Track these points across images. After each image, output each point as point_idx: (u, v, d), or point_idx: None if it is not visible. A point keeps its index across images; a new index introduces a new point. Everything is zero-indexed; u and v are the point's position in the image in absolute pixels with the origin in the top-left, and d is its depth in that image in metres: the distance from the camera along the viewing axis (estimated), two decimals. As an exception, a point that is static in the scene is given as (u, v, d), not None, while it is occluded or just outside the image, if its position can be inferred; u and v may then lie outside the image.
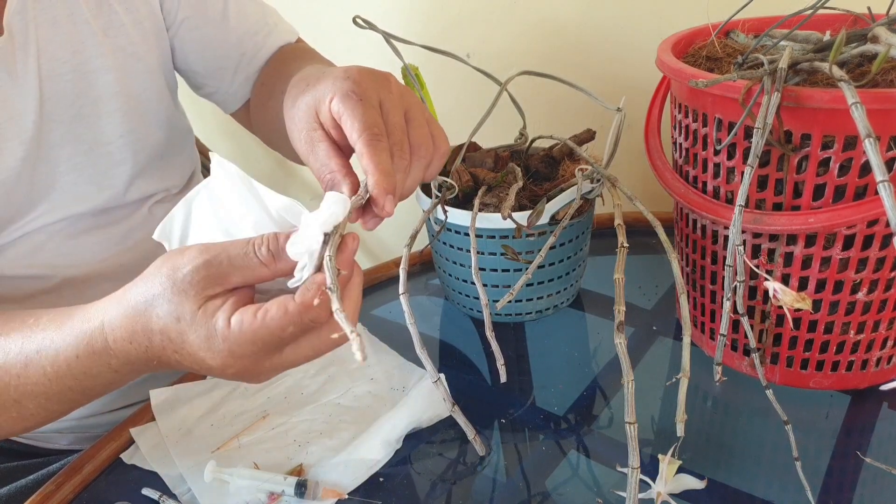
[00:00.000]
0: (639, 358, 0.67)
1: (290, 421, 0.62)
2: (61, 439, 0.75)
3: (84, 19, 0.65)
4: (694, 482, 0.49)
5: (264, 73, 0.79)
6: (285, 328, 0.41)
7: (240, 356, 0.42)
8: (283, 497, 0.54)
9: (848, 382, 0.60)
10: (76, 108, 0.66)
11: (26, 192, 0.63)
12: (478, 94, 0.83)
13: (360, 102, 0.47)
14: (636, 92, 0.76)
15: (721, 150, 0.54)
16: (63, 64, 0.64)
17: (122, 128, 0.69)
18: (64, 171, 0.66)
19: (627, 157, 0.78)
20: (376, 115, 0.47)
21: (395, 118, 0.48)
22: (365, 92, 0.48)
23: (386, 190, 0.45)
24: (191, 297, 0.42)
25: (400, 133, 0.48)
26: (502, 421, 0.61)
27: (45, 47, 0.63)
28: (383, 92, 0.49)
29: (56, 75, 0.64)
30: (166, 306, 0.43)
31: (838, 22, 0.61)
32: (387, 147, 0.46)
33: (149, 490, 0.56)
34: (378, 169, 0.45)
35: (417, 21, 1.07)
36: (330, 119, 0.48)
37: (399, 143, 0.47)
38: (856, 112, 0.41)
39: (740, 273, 0.50)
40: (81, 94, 0.66)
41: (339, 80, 0.48)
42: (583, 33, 0.95)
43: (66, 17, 0.64)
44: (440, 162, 0.52)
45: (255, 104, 0.81)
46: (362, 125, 0.46)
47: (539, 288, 0.72)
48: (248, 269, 0.42)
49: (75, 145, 0.66)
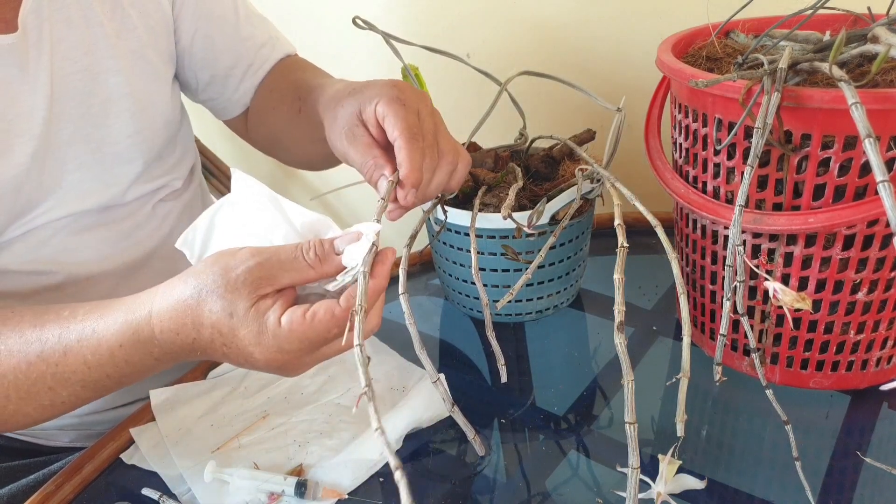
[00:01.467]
0: (639, 358, 0.67)
1: (290, 421, 0.62)
2: (63, 436, 0.76)
3: (98, 21, 0.67)
4: (694, 482, 0.49)
5: (271, 81, 0.82)
6: (330, 330, 0.46)
7: (287, 352, 0.46)
8: (283, 497, 0.54)
9: (848, 382, 0.60)
10: (85, 108, 0.66)
11: (34, 189, 0.64)
12: (478, 95, 0.83)
13: (403, 107, 0.53)
14: (636, 92, 0.76)
15: (721, 150, 0.54)
16: (74, 63, 0.65)
17: (130, 128, 0.70)
18: (71, 168, 0.66)
19: (627, 157, 0.78)
20: (416, 119, 0.54)
21: (430, 125, 0.55)
22: (408, 99, 0.54)
23: (413, 183, 0.52)
24: (244, 296, 0.46)
25: (432, 138, 0.55)
26: (502, 421, 0.61)
27: (58, 46, 0.64)
28: (422, 104, 0.56)
29: (67, 74, 0.65)
30: (220, 302, 0.46)
31: (838, 22, 0.61)
32: (422, 147, 0.53)
33: (149, 490, 0.56)
34: (411, 164, 0.52)
35: (418, 21, 1.07)
36: (373, 119, 0.55)
37: (430, 146, 0.54)
38: (856, 112, 0.41)
39: (740, 273, 0.50)
40: (91, 94, 0.67)
41: (387, 87, 0.55)
42: (583, 33, 0.95)
43: (80, 18, 0.65)
44: (464, 169, 0.58)
45: (258, 110, 0.83)
46: (404, 124, 0.53)
47: (539, 288, 0.72)
48: (297, 271, 0.46)
49: (83, 144, 0.67)
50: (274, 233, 0.50)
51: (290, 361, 0.47)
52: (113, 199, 0.71)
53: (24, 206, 0.64)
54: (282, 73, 0.81)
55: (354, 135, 0.56)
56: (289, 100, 0.77)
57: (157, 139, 0.73)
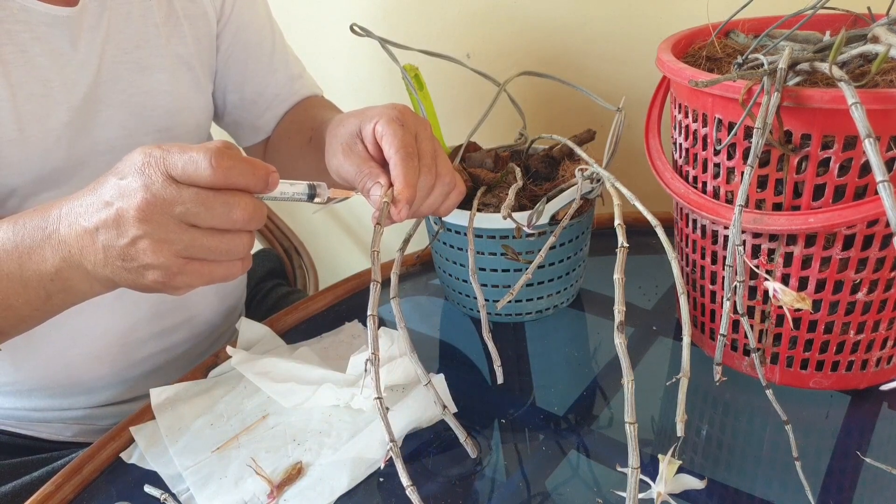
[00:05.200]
0: (639, 358, 0.67)
1: (289, 420, 0.62)
2: (66, 430, 0.76)
3: (154, 22, 0.72)
4: (694, 482, 0.49)
5: (293, 114, 0.87)
6: (200, 162, 0.45)
7: (155, 185, 0.45)
8: (284, 492, 0.54)
9: (848, 382, 0.60)
10: (127, 96, 0.70)
11: (62, 160, 0.66)
12: (478, 95, 0.83)
13: (401, 127, 0.55)
14: (636, 92, 0.76)
15: (721, 150, 0.54)
16: (126, 54, 0.70)
17: (163, 123, 0.73)
18: (101, 150, 0.69)
19: (627, 157, 0.78)
20: (412, 139, 0.55)
21: (428, 147, 0.57)
22: (407, 121, 0.56)
23: (407, 199, 0.53)
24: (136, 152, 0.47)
25: (430, 159, 0.56)
26: (502, 421, 0.61)
27: (114, 35, 0.69)
28: (420, 127, 0.57)
29: (118, 63, 0.69)
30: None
31: (838, 22, 0.61)
32: (416, 166, 0.55)
33: (151, 488, 0.56)
34: (405, 180, 0.53)
35: (418, 21, 1.07)
36: (371, 137, 0.56)
37: (428, 167, 0.56)
38: (856, 112, 0.41)
39: (740, 273, 0.50)
40: (134, 85, 0.71)
41: (388, 108, 0.57)
42: (583, 33, 0.95)
43: (139, 16, 0.71)
44: (457, 197, 0.60)
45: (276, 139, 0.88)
46: (400, 143, 0.54)
47: (539, 288, 0.72)
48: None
49: (117, 129, 0.70)
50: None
51: (158, 196, 0.45)
52: None
53: (49, 174, 0.66)
54: (304, 108, 0.87)
55: (352, 149, 0.57)
56: (303, 130, 0.82)
57: (186, 140, 0.76)
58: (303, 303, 0.80)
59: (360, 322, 0.76)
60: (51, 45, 0.64)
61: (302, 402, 0.63)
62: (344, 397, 0.62)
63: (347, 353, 0.66)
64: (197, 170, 0.45)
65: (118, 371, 0.75)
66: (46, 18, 0.63)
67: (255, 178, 0.47)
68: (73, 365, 0.72)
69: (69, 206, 0.49)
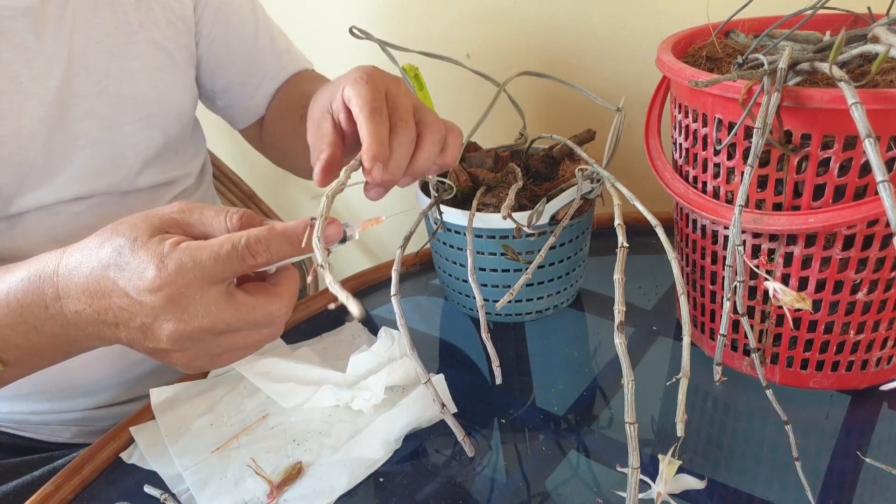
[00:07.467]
0: (639, 358, 0.67)
1: (289, 420, 0.62)
2: (65, 432, 0.76)
3: (123, 9, 0.70)
4: (694, 482, 0.49)
5: (284, 92, 0.84)
6: (230, 260, 0.42)
7: (181, 285, 0.41)
8: (285, 491, 0.54)
9: (848, 382, 0.60)
10: (102, 87, 0.68)
11: (43, 158, 0.65)
12: (478, 95, 0.83)
13: (365, 85, 0.51)
14: (636, 92, 0.76)
15: (721, 150, 0.54)
16: (97, 44, 0.68)
17: (143, 111, 0.72)
18: (83, 144, 0.68)
19: (627, 157, 0.78)
20: (379, 95, 0.51)
21: (402, 102, 0.52)
22: (372, 78, 0.52)
23: (375, 157, 0.48)
24: (145, 228, 0.43)
25: (405, 112, 0.51)
26: (502, 421, 0.61)
27: (81, 24, 0.67)
28: (391, 84, 0.53)
29: (88, 53, 0.67)
30: (125, 233, 0.43)
31: (838, 22, 0.61)
32: (385, 121, 0.50)
33: (151, 488, 0.56)
34: (372, 138, 0.48)
35: (418, 21, 1.07)
36: (342, 105, 0.52)
37: (405, 120, 0.51)
38: (856, 112, 0.41)
39: (740, 273, 0.50)
40: (110, 75, 0.69)
41: (353, 71, 0.53)
42: (583, 33, 0.95)
43: (106, 3, 0.69)
44: (456, 141, 0.54)
45: (270, 119, 0.85)
46: (363, 101, 0.50)
47: (539, 288, 0.72)
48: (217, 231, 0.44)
49: (96, 121, 0.68)
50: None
51: (184, 294, 0.41)
52: (123, 181, 0.72)
53: (32, 174, 0.64)
54: (295, 84, 0.84)
55: (320, 127, 0.53)
56: (295, 108, 0.79)
57: (170, 128, 0.75)
58: (303, 303, 0.80)
59: (360, 322, 0.76)
60: (14, 39, 0.62)
61: (302, 404, 0.63)
62: (344, 398, 0.62)
63: (347, 353, 0.66)
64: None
65: (117, 372, 0.75)
66: (7, 11, 0.61)
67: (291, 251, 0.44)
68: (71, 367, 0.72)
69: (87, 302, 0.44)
